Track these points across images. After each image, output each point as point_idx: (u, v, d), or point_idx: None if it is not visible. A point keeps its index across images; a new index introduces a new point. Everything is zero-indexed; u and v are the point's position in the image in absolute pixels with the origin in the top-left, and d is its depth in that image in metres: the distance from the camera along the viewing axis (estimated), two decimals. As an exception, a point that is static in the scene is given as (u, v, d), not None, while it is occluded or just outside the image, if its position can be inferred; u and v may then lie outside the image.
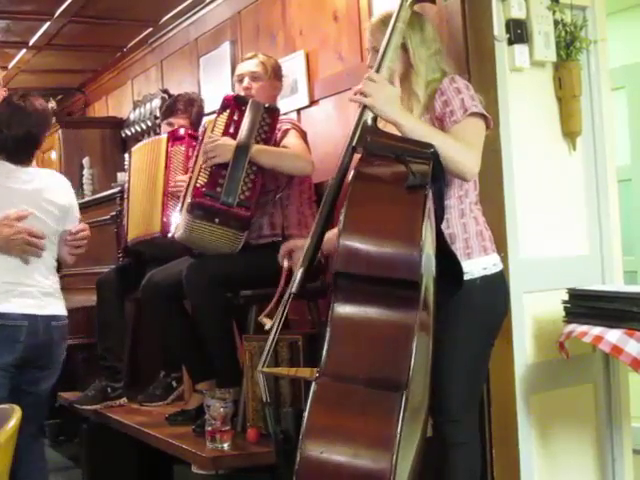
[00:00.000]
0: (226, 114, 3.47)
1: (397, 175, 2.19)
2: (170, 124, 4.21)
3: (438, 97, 2.59)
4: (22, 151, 3.31)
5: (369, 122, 2.40)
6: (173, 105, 4.28)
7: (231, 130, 3.43)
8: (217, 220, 3.31)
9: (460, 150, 2.45)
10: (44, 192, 3.30)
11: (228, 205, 3.28)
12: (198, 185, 3.34)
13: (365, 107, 2.41)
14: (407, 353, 2.03)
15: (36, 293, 3.22)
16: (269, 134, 3.45)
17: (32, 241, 3.19)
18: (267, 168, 3.37)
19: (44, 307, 3.22)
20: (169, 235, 3.60)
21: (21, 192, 3.24)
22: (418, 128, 2.44)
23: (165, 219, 3.80)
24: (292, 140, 3.50)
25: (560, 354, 2.99)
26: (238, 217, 3.31)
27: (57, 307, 3.29)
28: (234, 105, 3.47)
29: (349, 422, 1.99)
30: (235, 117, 3.45)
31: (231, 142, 3.35)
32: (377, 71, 2.46)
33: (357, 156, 2.35)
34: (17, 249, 3.18)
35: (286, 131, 3.52)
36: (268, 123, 3.45)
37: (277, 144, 3.47)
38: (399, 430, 1.94)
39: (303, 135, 3.59)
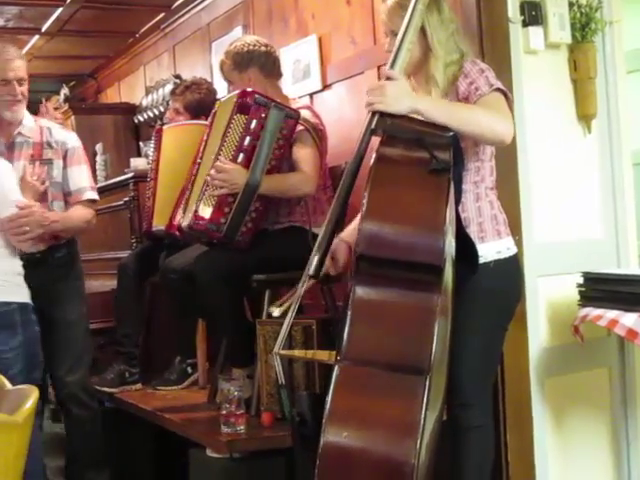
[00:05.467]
0: (242, 119, 3.30)
1: (419, 158, 2.17)
2: (170, 108, 4.25)
3: (462, 79, 2.58)
4: None
5: None
6: (174, 88, 4.30)
7: (246, 144, 3.29)
8: (215, 242, 3.37)
9: (492, 117, 2.44)
10: None
11: (230, 238, 3.30)
12: (204, 205, 3.30)
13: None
14: (429, 337, 2.02)
15: None
16: (284, 149, 3.34)
17: None
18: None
19: None
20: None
21: None
22: (443, 108, 2.43)
23: (174, 221, 3.79)
24: (302, 152, 3.38)
25: (575, 338, 2.98)
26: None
27: None
28: (254, 111, 3.28)
29: (372, 406, 1.99)
30: (252, 126, 3.28)
31: (241, 175, 3.25)
32: (397, 53, 2.44)
33: (375, 139, 2.34)
34: None
35: (300, 133, 3.39)
36: (284, 135, 3.32)
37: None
38: (423, 415, 1.94)
39: (317, 136, 3.46)
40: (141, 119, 6.27)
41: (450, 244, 2.21)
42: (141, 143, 6.30)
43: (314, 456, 1.96)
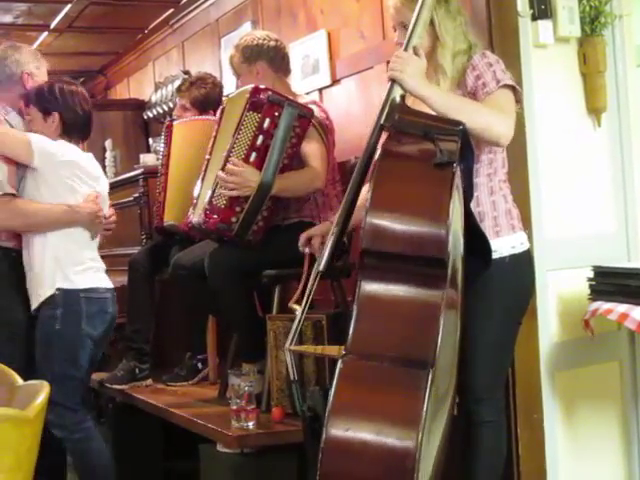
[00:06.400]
0: (255, 118, 3.26)
1: (425, 153, 2.18)
2: (177, 105, 4.26)
3: (470, 72, 2.59)
4: (88, 131, 3.55)
5: (397, 100, 2.39)
6: (180, 85, 4.32)
7: (259, 143, 3.26)
8: (225, 239, 3.36)
9: (492, 116, 2.45)
10: (101, 177, 3.58)
11: (241, 237, 3.30)
12: (215, 203, 3.29)
13: (393, 84, 2.41)
14: (434, 331, 2.03)
15: (101, 268, 3.50)
16: (296, 147, 3.33)
17: (103, 221, 3.47)
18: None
19: (108, 280, 3.50)
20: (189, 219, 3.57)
21: (92, 176, 3.47)
22: (445, 99, 2.44)
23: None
24: (311, 148, 3.38)
25: (585, 332, 2.98)
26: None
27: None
28: (267, 109, 3.24)
29: (375, 400, 2.00)
30: (265, 125, 3.25)
31: (253, 178, 3.23)
32: (406, 47, 2.45)
33: (385, 134, 2.34)
34: (97, 226, 3.44)
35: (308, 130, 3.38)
36: (297, 133, 3.30)
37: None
38: (425, 408, 1.94)
39: (324, 131, 3.46)
40: (150, 115, 6.27)
41: (457, 238, 2.21)
42: (150, 139, 6.31)
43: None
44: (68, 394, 3.33)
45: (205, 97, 4.18)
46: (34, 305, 3.35)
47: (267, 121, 3.26)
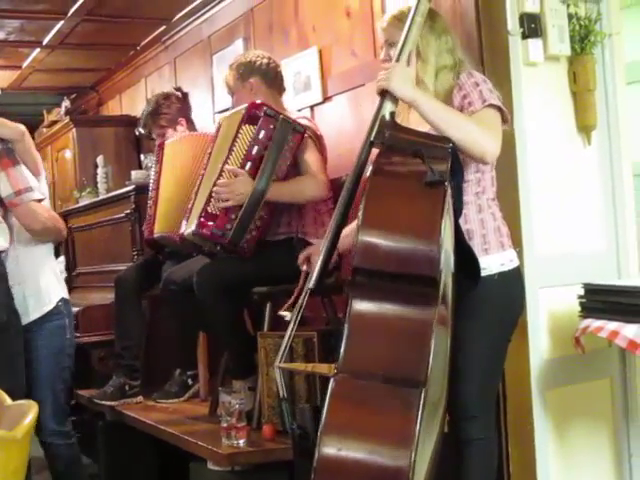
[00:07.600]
0: (252, 129, 3.34)
1: (416, 171, 2.18)
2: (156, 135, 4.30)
3: (457, 92, 2.60)
4: None
5: (387, 117, 2.40)
6: (144, 122, 4.44)
7: (254, 153, 3.32)
8: (219, 248, 3.38)
9: (479, 132, 2.45)
10: None
11: (234, 244, 3.31)
12: (210, 211, 3.32)
13: (383, 101, 2.41)
14: (426, 350, 2.03)
15: None
16: (291, 160, 3.38)
17: None
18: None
19: None
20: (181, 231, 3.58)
21: None
22: (436, 107, 2.45)
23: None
24: (309, 157, 3.42)
25: (576, 349, 2.98)
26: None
27: None
28: (263, 121, 3.33)
29: (368, 419, 1.99)
30: (261, 136, 3.33)
31: (246, 185, 3.28)
32: (397, 59, 2.47)
33: (375, 151, 2.34)
34: None
35: (304, 140, 3.43)
36: (291, 147, 3.36)
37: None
38: (418, 427, 1.93)
39: (319, 142, 3.51)
40: (142, 131, 6.26)
41: (447, 256, 2.21)
42: (142, 155, 6.30)
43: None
44: (69, 401, 3.52)
45: (169, 117, 4.30)
46: (33, 316, 3.38)
47: (262, 133, 3.34)
